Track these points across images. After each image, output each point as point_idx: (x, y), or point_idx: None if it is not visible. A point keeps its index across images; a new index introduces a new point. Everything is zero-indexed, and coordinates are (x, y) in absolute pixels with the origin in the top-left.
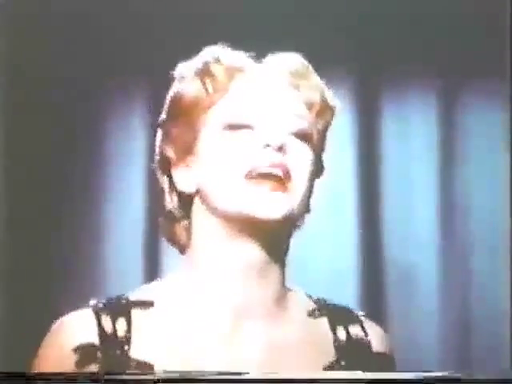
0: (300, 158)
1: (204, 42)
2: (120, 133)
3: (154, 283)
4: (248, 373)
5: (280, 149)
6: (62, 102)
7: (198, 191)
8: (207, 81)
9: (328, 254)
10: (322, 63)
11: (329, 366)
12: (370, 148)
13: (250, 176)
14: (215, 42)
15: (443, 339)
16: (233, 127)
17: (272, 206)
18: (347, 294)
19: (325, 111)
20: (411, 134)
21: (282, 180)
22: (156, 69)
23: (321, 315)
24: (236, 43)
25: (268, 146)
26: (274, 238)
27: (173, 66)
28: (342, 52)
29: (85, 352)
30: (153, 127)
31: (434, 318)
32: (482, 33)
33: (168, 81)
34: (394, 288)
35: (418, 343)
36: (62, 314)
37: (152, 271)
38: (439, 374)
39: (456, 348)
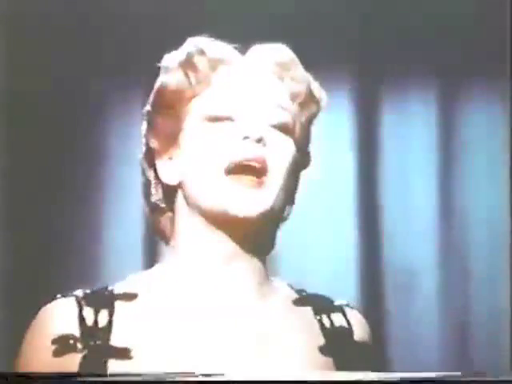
0: (279, 150)
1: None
2: (119, 132)
3: (139, 274)
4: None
5: (259, 141)
6: (62, 101)
7: (180, 184)
8: (190, 73)
9: (328, 255)
10: (322, 63)
11: (320, 349)
12: (370, 148)
13: (229, 170)
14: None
15: (443, 339)
16: (214, 119)
17: (248, 204)
18: (347, 295)
19: (310, 103)
20: (411, 134)
21: (259, 173)
22: (155, 69)
23: (305, 304)
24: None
25: (247, 137)
26: (252, 233)
27: None
28: (342, 52)
29: (64, 342)
30: None
31: (433, 318)
32: (482, 33)
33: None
34: (393, 289)
35: (418, 343)
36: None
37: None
38: (439, 374)
39: (456, 348)
